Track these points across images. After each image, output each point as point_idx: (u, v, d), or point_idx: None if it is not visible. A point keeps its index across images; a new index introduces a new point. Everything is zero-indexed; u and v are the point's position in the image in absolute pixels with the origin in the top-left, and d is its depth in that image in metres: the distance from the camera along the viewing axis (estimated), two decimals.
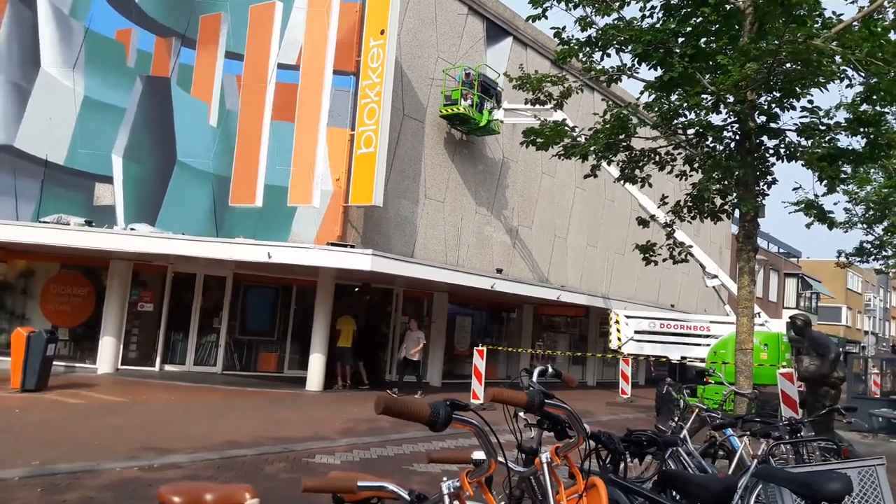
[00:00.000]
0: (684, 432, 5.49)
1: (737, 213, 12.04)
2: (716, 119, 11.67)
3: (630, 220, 20.63)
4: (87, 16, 15.53)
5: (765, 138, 11.43)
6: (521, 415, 3.04)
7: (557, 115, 13.96)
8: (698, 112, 11.25)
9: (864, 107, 10.60)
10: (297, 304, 17.55)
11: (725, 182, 11.71)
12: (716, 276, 17.90)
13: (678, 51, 10.87)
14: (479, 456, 2.66)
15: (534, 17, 11.74)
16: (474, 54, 18.90)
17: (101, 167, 15.19)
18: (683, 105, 11.17)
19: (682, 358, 18.24)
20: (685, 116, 11.70)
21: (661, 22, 11.23)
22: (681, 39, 11.09)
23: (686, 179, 12.68)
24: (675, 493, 3.68)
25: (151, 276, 16.34)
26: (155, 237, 13.81)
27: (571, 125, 12.90)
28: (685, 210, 12.69)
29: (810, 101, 10.87)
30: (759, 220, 11.43)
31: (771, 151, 11.49)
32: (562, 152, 12.85)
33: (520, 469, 2.76)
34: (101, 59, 15.46)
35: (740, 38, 10.46)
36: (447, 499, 2.20)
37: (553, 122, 12.94)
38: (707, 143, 11.95)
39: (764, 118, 11.25)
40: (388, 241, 16.12)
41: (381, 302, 19.15)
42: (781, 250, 49.63)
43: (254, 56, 15.77)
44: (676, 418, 6.30)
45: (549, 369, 3.51)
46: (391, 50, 14.63)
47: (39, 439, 8.00)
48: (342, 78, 15.36)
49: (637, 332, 18.38)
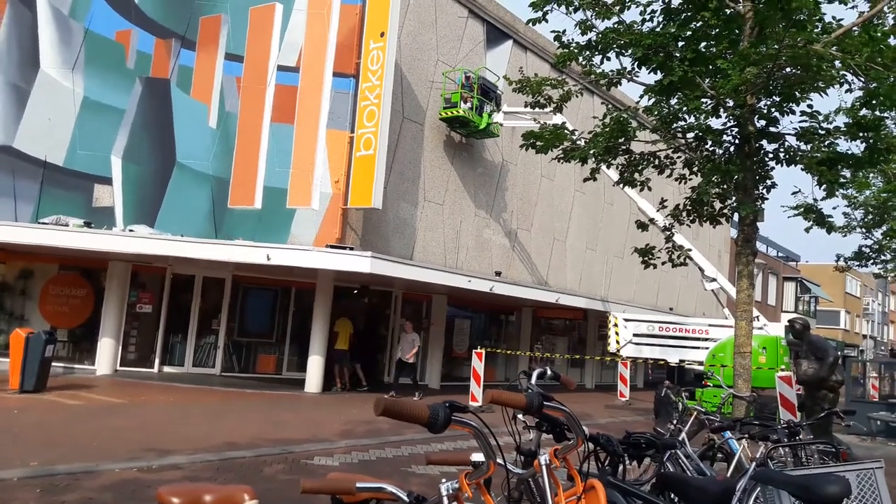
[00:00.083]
0: (683, 435, 5.49)
1: (736, 217, 12.03)
2: (715, 123, 11.67)
3: (629, 224, 20.62)
4: (86, 17, 15.54)
5: (764, 142, 11.42)
6: (520, 417, 3.05)
7: (557, 119, 13.95)
8: (698, 116, 11.23)
9: (864, 111, 10.59)
10: (296, 306, 17.55)
11: (725, 186, 11.70)
12: (714, 280, 17.91)
13: (678, 55, 10.87)
14: (477, 458, 2.66)
15: (534, 21, 11.72)
16: (474, 57, 18.92)
17: (100, 168, 15.19)
18: (683, 109, 11.16)
19: (681, 361, 18.24)
20: (685, 120, 11.69)
21: (661, 26, 11.23)
22: (681, 43, 11.09)
23: (685, 183, 12.68)
24: (674, 496, 3.68)
25: (150, 278, 16.34)
26: (154, 239, 13.82)
27: (571, 128, 12.89)
28: (684, 213, 12.68)
29: (810, 106, 10.86)
30: (758, 223, 11.41)
31: (770, 155, 11.48)
32: (561, 155, 12.84)
33: (518, 471, 2.77)
34: (100, 60, 15.47)
35: (740, 43, 10.45)
36: (446, 500, 2.20)
37: (552, 126, 12.93)
38: (706, 146, 11.94)
39: (763, 122, 11.25)
40: (388, 243, 16.12)
41: (379, 304, 19.15)
42: (780, 254, 49.66)
43: (253, 58, 15.79)
44: (675, 421, 6.31)
45: (548, 372, 3.52)
46: (391, 52, 14.65)
47: (38, 440, 7.99)
48: (342, 80, 15.37)
49: (636, 335, 18.40)
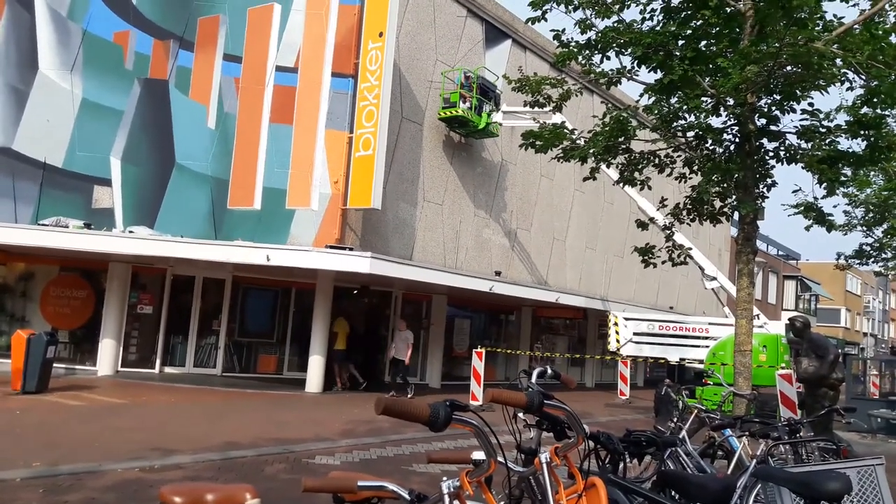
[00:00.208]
0: (683, 433, 5.50)
1: (736, 216, 12.04)
2: (716, 122, 11.67)
3: (629, 223, 20.62)
4: (84, 18, 15.53)
5: (765, 141, 11.43)
6: (521, 415, 3.04)
7: (556, 118, 13.95)
8: (698, 115, 11.23)
9: (865, 109, 10.60)
10: (297, 307, 17.56)
11: (725, 184, 11.70)
12: (715, 279, 17.91)
13: (678, 53, 10.87)
14: (478, 456, 2.66)
15: (533, 20, 11.72)
16: (473, 57, 18.91)
17: (99, 170, 15.18)
18: (683, 108, 11.16)
19: (681, 360, 18.25)
20: (685, 119, 11.69)
21: (661, 25, 11.23)
22: (681, 42, 11.08)
23: (685, 182, 12.69)
24: (675, 493, 3.68)
25: (151, 279, 16.34)
26: (154, 240, 13.82)
27: (570, 128, 12.89)
28: (684, 212, 12.68)
29: (810, 104, 10.87)
30: (758, 222, 11.43)
31: (771, 154, 11.48)
32: (561, 155, 12.84)
33: (519, 469, 2.77)
34: (98, 61, 15.45)
35: (741, 41, 10.45)
36: (447, 498, 2.20)
37: (552, 125, 12.93)
38: (707, 145, 11.94)
39: (764, 121, 11.25)
40: (387, 243, 16.12)
41: (379, 304, 19.15)
42: (781, 252, 49.66)
43: (252, 58, 15.78)
44: (675, 419, 6.32)
45: (548, 371, 3.51)
46: (390, 52, 14.64)
47: (40, 441, 7.99)
48: (340, 80, 15.36)
49: (636, 333, 18.41)
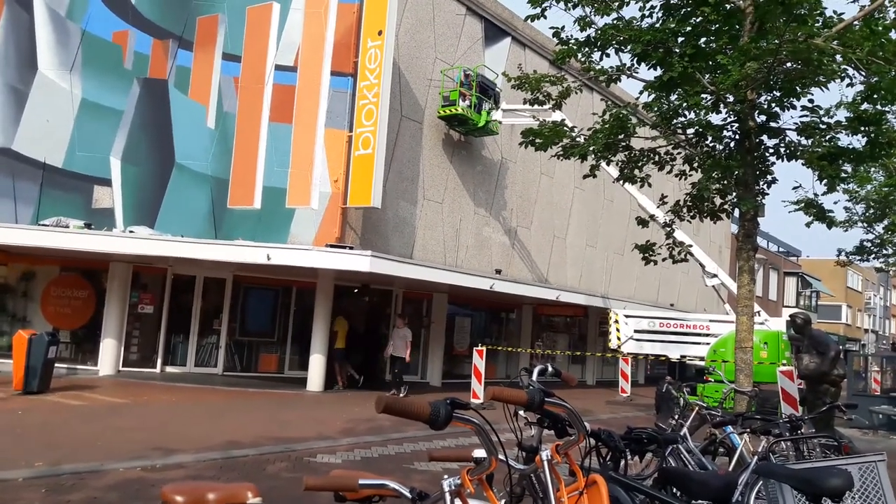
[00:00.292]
0: (684, 430, 5.51)
1: (736, 213, 12.02)
2: (715, 119, 11.64)
3: (629, 220, 20.63)
4: (83, 18, 15.53)
5: (765, 137, 11.40)
6: (522, 413, 3.04)
7: (556, 116, 13.94)
8: (698, 112, 11.20)
9: (865, 106, 10.57)
10: (297, 306, 17.56)
11: (725, 181, 11.68)
12: (715, 276, 17.91)
13: (678, 50, 10.84)
14: (479, 454, 2.66)
15: (532, 17, 11.70)
16: (472, 55, 18.89)
17: (99, 170, 15.19)
18: (683, 105, 11.13)
19: (682, 357, 18.25)
20: (685, 116, 11.65)
21: (660, 22, 11.19)
22: (680, 39, 11.05)
23: (685, 179, 12.67)
24: (676, 490, 3.68)
25: (151, 279, 16.35)
26: (154, 239, 13.82)
27: (570, 125, 12.87)
28: (685, 210, 12.66)
29: (811, 101, 10.83)
30: (758, 219, 11.40)
31: (771, 151, 11.46)
32: (561, 153, 12.83)
33: (520, 467, 2.77)
34: (98, 61, 15.45)
35: (740, 38, 10.43)
36: (448, 496, 2.20)
37: (552, 123, 12.91)
38: (707, 142, 11.92)
39: (764, 117, 11.22)
40: (387, 242, 16.12)
41: (380, 303, 19.16)
42: (781, 249, 49.65)
43: (251, 58, 15.77)
44: (676, 416, 6.32)
45: (549, 368, 3.51)
46: (389, 51, 14.63)
47: (42, 441, 8.00)
48: (340, 79, 15.35)
49: (637, 331, 18.40)
